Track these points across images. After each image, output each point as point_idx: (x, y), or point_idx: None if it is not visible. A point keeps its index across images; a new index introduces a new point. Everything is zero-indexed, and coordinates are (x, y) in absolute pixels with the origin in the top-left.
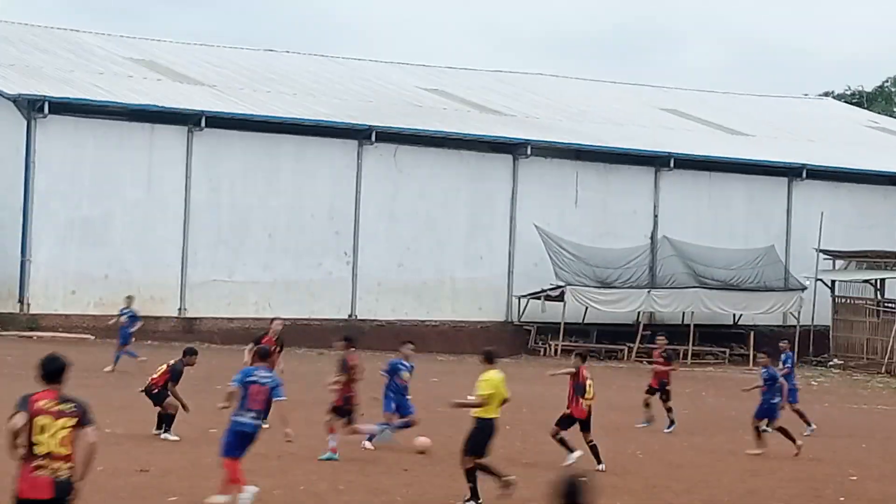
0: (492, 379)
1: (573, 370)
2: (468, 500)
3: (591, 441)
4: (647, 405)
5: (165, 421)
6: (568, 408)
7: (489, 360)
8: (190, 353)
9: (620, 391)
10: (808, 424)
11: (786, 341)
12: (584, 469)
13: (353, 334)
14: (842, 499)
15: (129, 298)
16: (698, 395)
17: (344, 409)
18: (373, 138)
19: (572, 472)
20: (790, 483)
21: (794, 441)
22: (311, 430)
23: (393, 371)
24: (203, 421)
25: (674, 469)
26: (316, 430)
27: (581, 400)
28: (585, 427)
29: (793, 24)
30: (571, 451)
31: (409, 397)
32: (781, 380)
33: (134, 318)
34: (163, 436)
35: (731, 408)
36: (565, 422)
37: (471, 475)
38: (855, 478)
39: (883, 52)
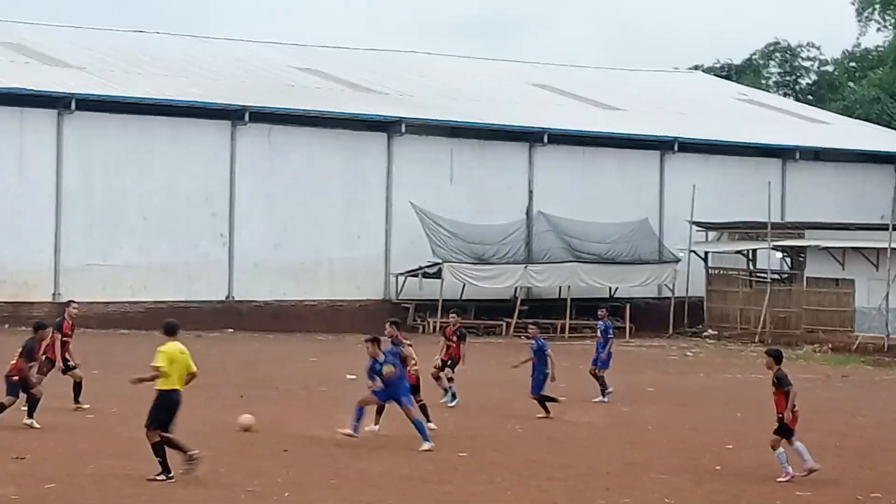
0: (168, 351)
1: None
2: (159, 475)
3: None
4: (437, 378)
5: (30, 405)
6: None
7: (168, 332)
8: (39, 327)
9: (498, 367)
10: (604, 394)
11: (603, 309)
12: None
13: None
14: (718, 467)
15: None
16: (575, 369)
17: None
18: (246, 119)
19: None
20: (668, 454)
21: (547, 411)
22: (191, 413)
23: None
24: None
25: (553, 443)
26: (196, 413)
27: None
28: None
29: (665, 1)
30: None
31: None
32: (549, 351)
33: None
34: (25, 421)
35: (608, 380)
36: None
37: (158, 449)
38: (731, 446)
39: (751, 24)
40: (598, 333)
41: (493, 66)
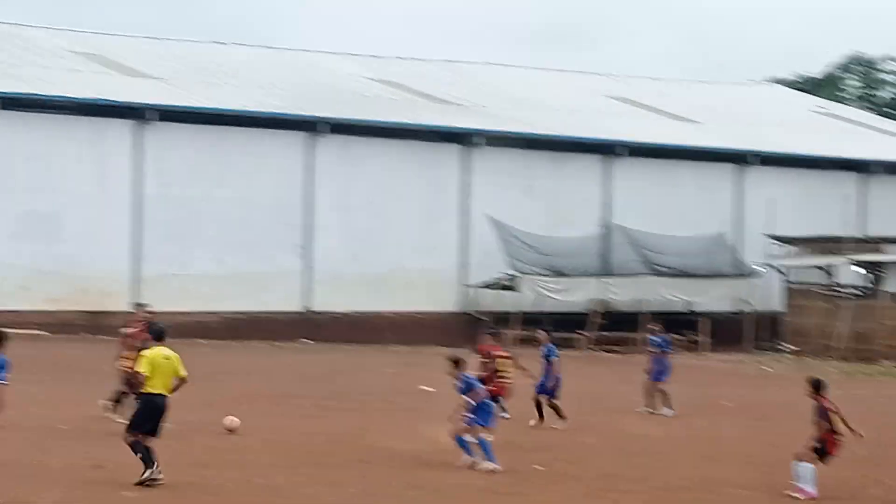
0: (150, 356)
1: None
2: (144, 473)
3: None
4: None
5: None
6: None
7: (156, 337)
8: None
9: (574, 380)
10: (670, 406)
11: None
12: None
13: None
14: (788, 494)
15: None
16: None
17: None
18: (323, 130)
19: None
20: (745, 468)
21: (541, 417)
22: (268, 423)
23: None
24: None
25: (628, 457)
26: (273, 423)
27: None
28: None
29: (740, 10)
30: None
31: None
32: (553, 359)
33: None
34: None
35: (684, 394)
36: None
37: (135, 447)
38: None
39: (829, 37)
40: (654, 348)
41: (569, 78)
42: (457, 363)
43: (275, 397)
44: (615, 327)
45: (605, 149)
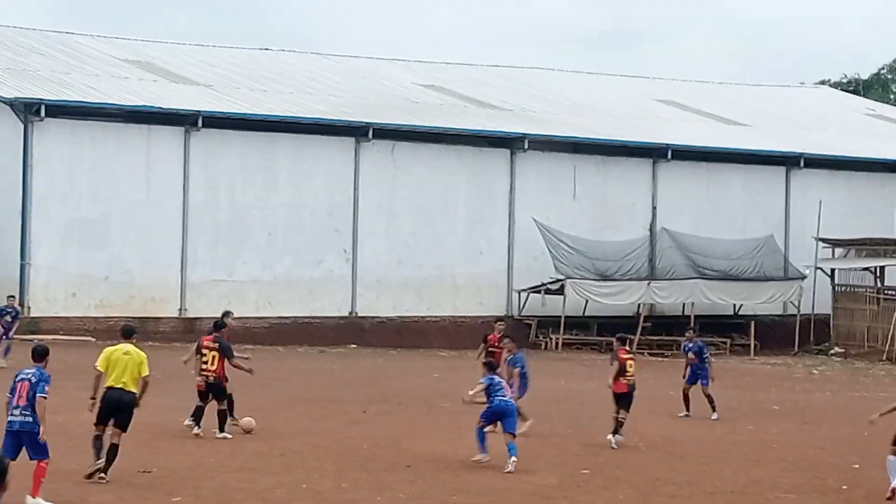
0: (108, 352)
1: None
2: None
3: (622, 417)
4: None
5: None
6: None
7: (123, 334)
8: (220, 326)
9: None
10: (714, 409)
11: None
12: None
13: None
14: (844, 487)
15: (12, 297)
16: (698, 386)
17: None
18: (370, 135)
19: None
20: (793, 472)
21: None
22: (315, 427)
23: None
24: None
25: (676, 460)
26: (319, 427)
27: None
28: (623, 402)
29: (787, 14)
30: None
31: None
32: (518, 370)
33: (16, 317)
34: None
35: (731, 398)
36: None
37: (94, 441)
38: (857, 466)
39: (879, 39)
40: (691, 355)
41: (615, 82)
42: (490, 368)
43: (321, 402)
44: (661, 331)
45: (653, 152)
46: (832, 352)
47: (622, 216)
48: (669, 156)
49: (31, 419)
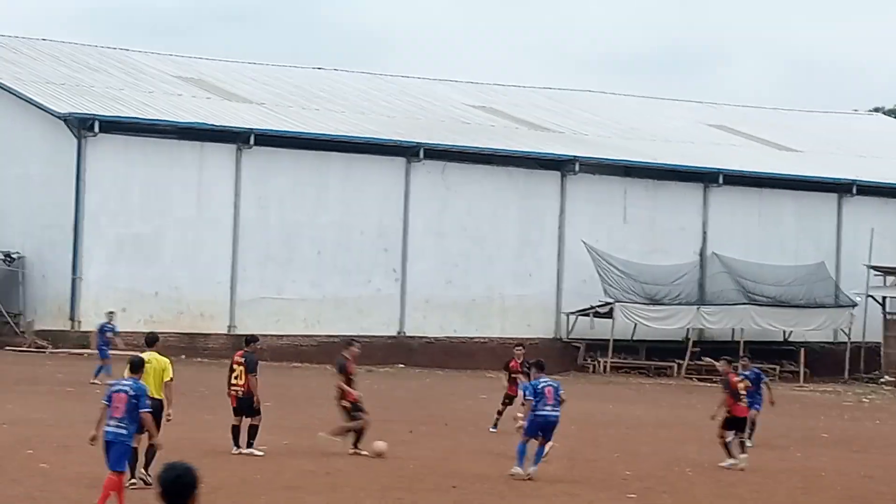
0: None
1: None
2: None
3: (742, 439)
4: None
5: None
6: (730, 412)
7: (147, 342)
8: (349, 343)
9: (670, 409)
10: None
11: (746, 358)
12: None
13: None
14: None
15: (112, 313)
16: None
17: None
18: (421, 155)
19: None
20: (841, 501)
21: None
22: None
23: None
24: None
25: (725, 487)
26: (365, 447)
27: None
28: (740, 427)
29: (841, 40)
30: (732, 456)
31: None
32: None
33: (115, 333)
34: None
35: (782, 425)
36: (730, 424)
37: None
38: None
39: None
40: (747, 383)
41: (667, 106)
42: (539, 367)
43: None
44: (711, 356)
45: (703, 177)
46: (882, 380)
47: (672, 240)
48: (721, 181)
49: (125, 431)
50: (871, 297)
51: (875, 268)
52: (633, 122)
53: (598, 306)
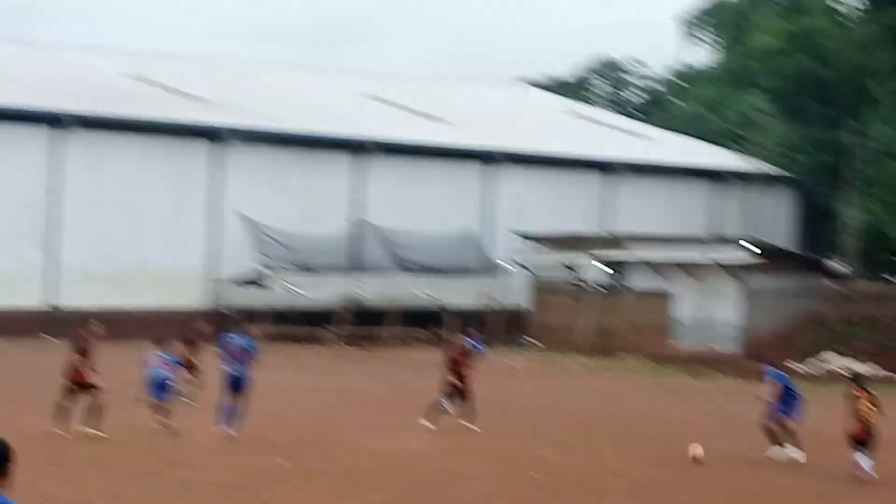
0: None
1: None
2: None
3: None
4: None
5: None
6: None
7: None
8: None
9: (325, 375)
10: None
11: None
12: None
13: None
14: (531, 473)
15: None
16: (396, 377)
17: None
18: (72, 125)
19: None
20: (485, 462)
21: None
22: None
23: None
24: None
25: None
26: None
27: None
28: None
29: (492, 14)
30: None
31: None
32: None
33: None
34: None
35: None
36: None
37: None
38: (545, 452)
39: (578, 40)
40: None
41: (322, 77)
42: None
43: (10, 394)
44: (364, 323)
45: (357, 147)
46: (530, 343)
47: (327, 210)
48: (374, 150)
49: None
50: (519, 263)
51: (522, 234)
52: (287, 92)
53: (252, 275)
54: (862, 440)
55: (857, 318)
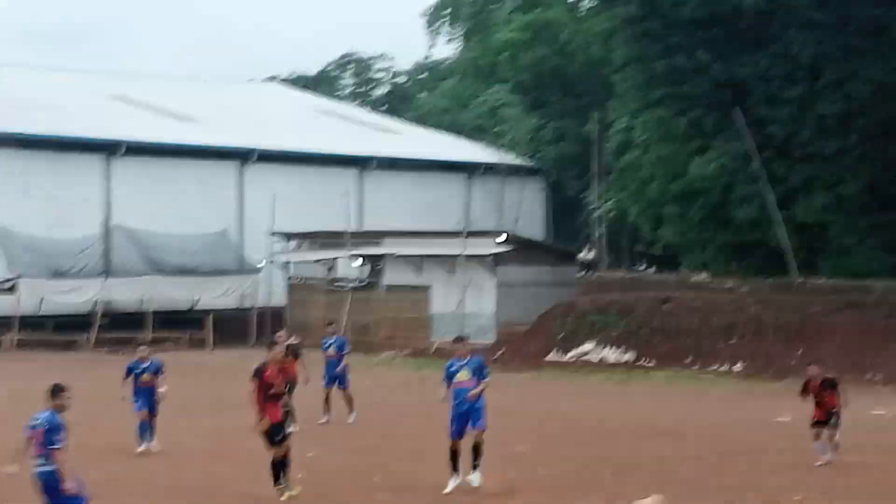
0: None
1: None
2: None
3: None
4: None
5: None
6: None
7: None
8: None
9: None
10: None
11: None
12: None
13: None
14: (300, 476)
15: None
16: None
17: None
18: None
19: None
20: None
21: None
22: None
23: None
24: None
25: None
26: None
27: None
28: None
29: (244, 15)
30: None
31: None
32: None
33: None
34: None
35: (195, 393)
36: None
37: None
38: (312, 455)
39: (323, 36)
40: (331, 350)
41: (67, 77)
42: None
43: None
44: (120, 327)
45: (108, 148)
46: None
47: (76, 213)
48: (123, 151)
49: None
50: (275, 261)
51: (277, 233)
52: (29, 93)
53: (1, 282)
54: None
55: (607, 305)
